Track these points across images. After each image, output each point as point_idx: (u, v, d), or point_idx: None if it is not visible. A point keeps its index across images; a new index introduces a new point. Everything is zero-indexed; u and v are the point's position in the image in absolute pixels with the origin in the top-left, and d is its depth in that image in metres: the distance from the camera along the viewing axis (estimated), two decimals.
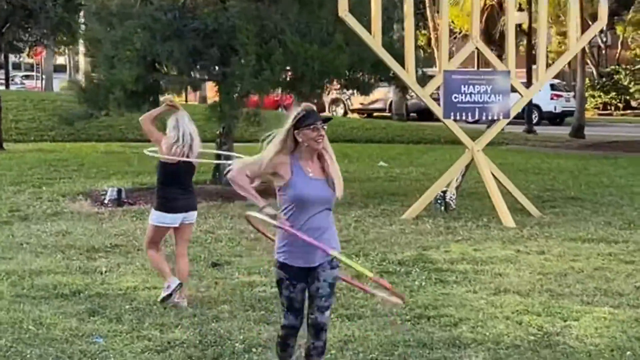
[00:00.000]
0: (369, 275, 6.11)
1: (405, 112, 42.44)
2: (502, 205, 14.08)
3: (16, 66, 77.15)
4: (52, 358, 7.25)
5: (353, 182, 18.02)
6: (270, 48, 15.29)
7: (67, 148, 25.50)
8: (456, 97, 14.47)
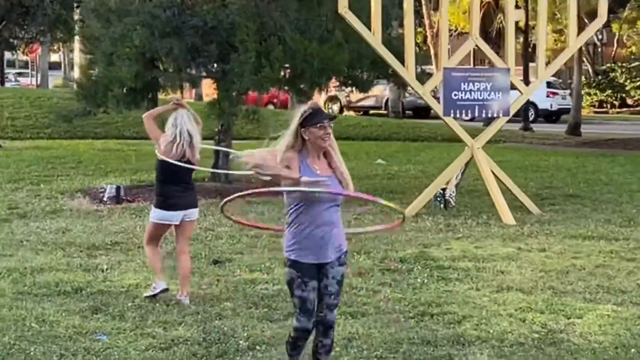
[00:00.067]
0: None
1: (401, 109, 42.40)
2: (502, 202, 14.07)
3: (10, 64, 76.92)
4: (56, 356, 7.23)
5: (351, 180, 17.95)
6: (269, 45, 15.26)
7: (64, 145, 25.44)
8: (456, 95, 14.45)
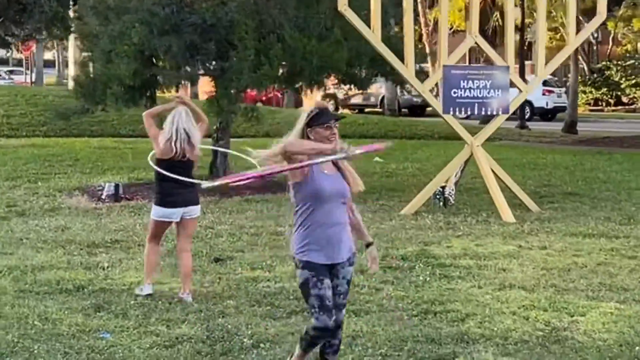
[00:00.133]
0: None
1: (397, 107, 42.41)
2: (502, 200, 14.05)
3: (3, 61, 76.76)
4: (60, 354, 7.20)
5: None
6: (268, 43, 15.25)
7: (60, 143, 25.35)
8: (455, 92, 14.43)
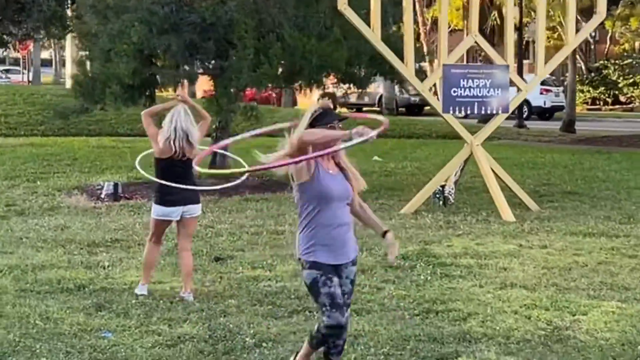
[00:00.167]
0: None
1: (395, 106, 42.41)
2: (502, 199, 14.05)
3: (0, 60, 76.59)
4: (62, 353, 7.18)
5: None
6: (268, 42, 15.24)
7: (59, 143, 25.33)
8: (455, 92, 14.41)
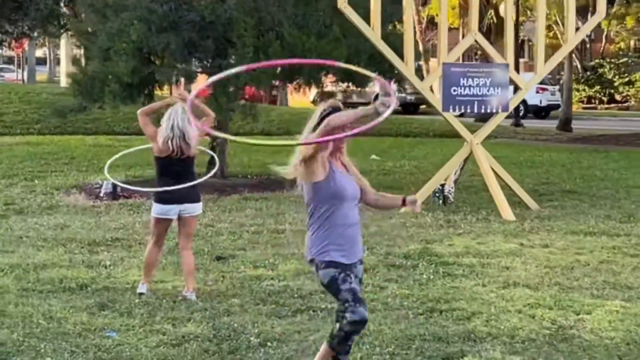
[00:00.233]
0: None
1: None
2: (502, 198, 14.04)
3: None
4: (67, 352, 7.14)
5: None
6: (267, 40, 15.20)
7: (55, 141, 25.30)
8: (455, 90, 14.41)
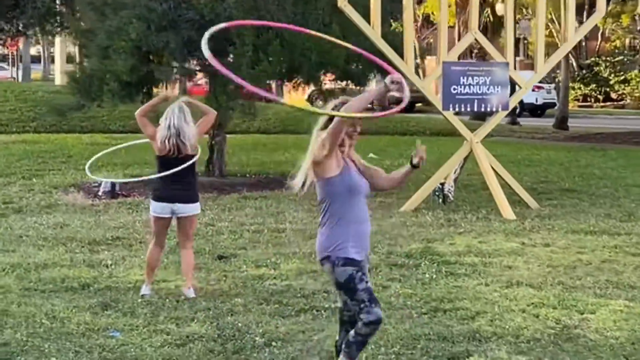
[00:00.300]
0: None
1: (387, 103, 42.34)
2: (502, 197, 14.03)
3: None
4: (72, 352, 7.11)
5: None
6: (266, 39, 15.16)
7: (52, 139, 25.27)
8: (455, 89, 14.39)
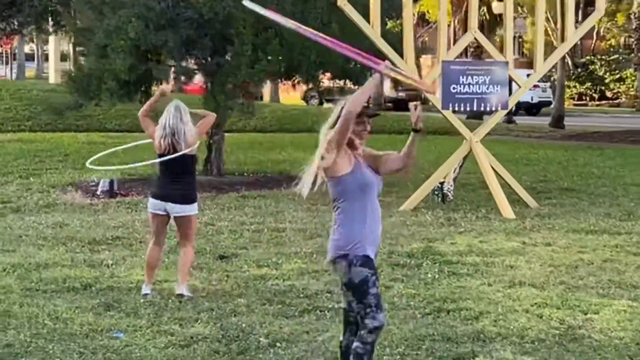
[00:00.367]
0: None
1: (383, 102, 42.30)
2: (502, 196, 14.02)
3: None
4: (76, 353, 7.08)
5: None
6: (266, 38, 15.14)
7: (47, 138, 25.20)
8: (455, 88, 14.37)
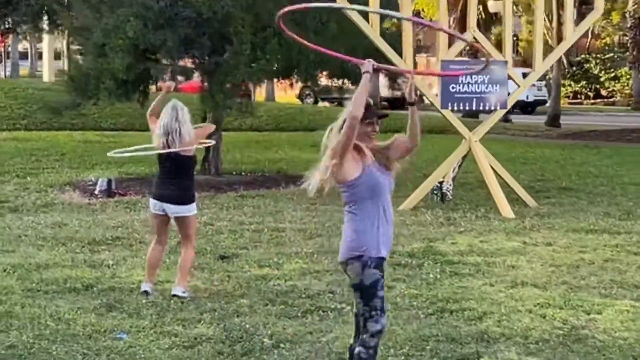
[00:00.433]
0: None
1: (378, 100, 42.30)
2: (501, 196, 14.01)
3: None
4: (80, 355, 7.06)
5: None
6: (264, 37, 15.11)
7: (43, 137, 25.07)
8: (454, 87, 14.36)
